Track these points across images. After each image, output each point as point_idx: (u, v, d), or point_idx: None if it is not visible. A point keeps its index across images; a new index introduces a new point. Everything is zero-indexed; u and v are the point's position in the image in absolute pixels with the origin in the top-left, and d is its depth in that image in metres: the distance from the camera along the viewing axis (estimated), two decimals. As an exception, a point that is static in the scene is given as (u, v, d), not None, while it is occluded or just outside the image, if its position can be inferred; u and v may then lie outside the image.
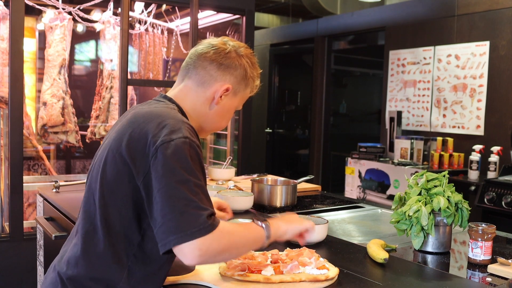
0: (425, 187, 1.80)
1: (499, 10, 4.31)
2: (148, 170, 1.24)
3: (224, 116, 1.51)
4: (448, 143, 4.44)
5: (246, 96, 1.54)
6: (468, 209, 1.78)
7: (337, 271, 1.46)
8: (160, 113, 1.34)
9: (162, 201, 1.20)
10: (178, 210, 1.19)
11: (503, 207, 3.54)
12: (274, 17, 8.20)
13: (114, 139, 1.33)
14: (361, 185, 4.78)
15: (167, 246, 1.19)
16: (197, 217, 1.19)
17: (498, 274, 1.55)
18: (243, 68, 1.47)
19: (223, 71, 1.45)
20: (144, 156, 1.25)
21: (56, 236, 2.23)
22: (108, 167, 1.30)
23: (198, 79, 1.46)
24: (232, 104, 1.50)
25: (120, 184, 1.28)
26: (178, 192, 1.20)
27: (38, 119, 4.01)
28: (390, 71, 5.31)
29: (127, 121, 1.35)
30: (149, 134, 1.26)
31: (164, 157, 1.22)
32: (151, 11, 4.34)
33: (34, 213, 4.00)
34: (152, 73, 4.48)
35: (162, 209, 1.20)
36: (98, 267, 1.31)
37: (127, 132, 1.30)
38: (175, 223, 1.18)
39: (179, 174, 1.21)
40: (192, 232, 1.18)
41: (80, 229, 1.36)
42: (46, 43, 4.01)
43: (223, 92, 1.45)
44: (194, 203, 1.20)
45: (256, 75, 1.53)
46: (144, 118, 1.32)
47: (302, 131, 7.33)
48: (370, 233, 2.11)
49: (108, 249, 1.29)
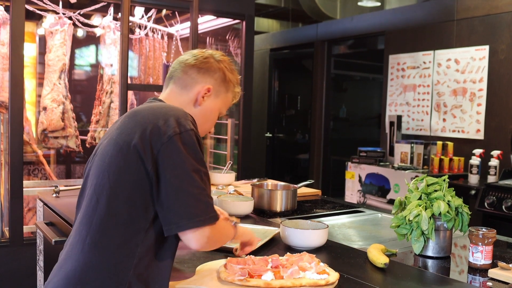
0: (425, 192, 1.80)
1: (499, 15, 4.32)
2: (157, 156, 1.31)
3: (208, 118, 1.58)
4: (448, 147, 4.44)
5: (228, 101, 1.63)
6: (469, 214, 1.77)
7: (337, 276, 1.45)
8: (163, 107, 1.44)
9: (178, 187, 1.29)
10: (193, 197, 1.30)
11: (504, 211, 3.53)
12: (274, 22, 8.21)
13: (120, 134, 1.39)
14: (361, 190, 4.77)
15: (178, 229, 1.29)
16: (208, 206, 1.33)
17: (499, 278, 1.54)
18: (222, 71, 1.57)
19: (203, 74, 1.55)
20: (155, 143, 1.32)
21: (56, 241, 2.22)
22: (116, 161, 1.35)
23: (181, 83, 1.56)
24: (214, 105, 1.58)
25: (128, 173, 1.33)
26: (193, 180, 1.30)
27: (38, 124, 4.01)
28: (390, 76, 5.31)
29: (130, 117, 1.42)
30: (156, 126, 1.34)
31: (178, 146, 1.31)
32: (151, 16, 4.35)
33: (34, 218, 4.00)
34: (152, 78, 4.48)
35: (178, 194, 1.29)
36: (107, 259, 1.31)
37: (135, 125, 1.37)
38: (188, 209, 1.29)
39: (192, 164, 1.31)
40: (205, 219, 1.31)
41: (80, 234, 1.36)
42: (47, 48, 4.02)
43: (204, 93, 1.54)
44: (205, 191, 1.33)
45: (235, 81, 1.62)
46: (148, 113, 1.40)
47: (302, 135, 7.33)
48: (370, 238, 2.10)
49: (116, 240, 1.31)
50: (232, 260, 1.49)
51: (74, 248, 1.37)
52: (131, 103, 4.33)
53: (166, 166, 1.30)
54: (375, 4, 5.92)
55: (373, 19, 5.66)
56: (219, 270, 1.47)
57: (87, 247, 1.33)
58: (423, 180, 1.83)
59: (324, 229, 1.80)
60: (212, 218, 1.32)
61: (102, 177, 1.37)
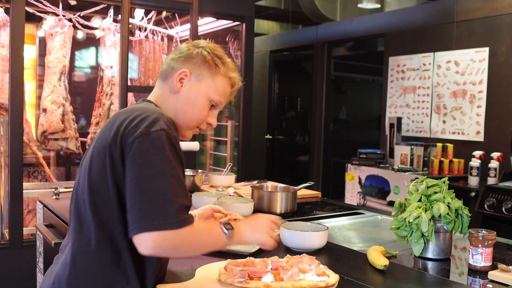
0: (425, 194, 1.80)
1: (498, 17, 4.32)
2: (125, 157, 1.29)
3: (193, 104, 1.51)
4: (448, 149, 4.44)
5: (220, 85, 1.54)
6: (468, 215, 1.77)
7: (337, 278, 1.45)
8: (140, 107, 1.41)
9: (135, 190, 1.25)
10: (148, 201, 1.24)
11: (504, 213, 3.53)
12: (274, 24, 8.21)
13: (98, 138, 1.39)
14: (361, 191, 4.77)
15: (132, 232, 1.24)
16: (165, 211, 1.24)
17: (499, 280, 1.54)
18: (201, 55, 1.52)
19: (181, 62, 1.52)
20: (125, 146, 1.30)
21: (55, 243, 2.22)
22: (94, 162, 1.35)
23: (162, 76, 1.55)
24: (199, 89, 1.51)
25: (106, 175, 1.32)
26: (152, 183, 1.25)
27: (38, 125, 4.01)
28: (390, 77, 5.32)
29: (109, 120, 1.42)
30: (129, 124, 1.32)
31: (142, 148, 1.27)
32: (151, 18, 4.36)
33: (34, 220, 3.99)
34: (152, 80, 4.48)
35: (132, 197, 1.25)
36: (94, 263, 1.32)
37: (112, 126, 1.36)
38: (143, 213, 1.23)
39: (156, 166, 1.26)
40: (155, 224, 1.23)
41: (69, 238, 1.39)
42: (47, 50, 4.02)
43: (180, 77, 1.50)
44: (165, 196, 1.25)
45: (226, 66, 1.55)
46: (126, 113, 1.39)
47: (302, 137, 7.33)
48: (370, 240, 2.10)
49: (101, 243, 1.32)
50: (232, 262, 1.49)
51: (64, 252, 1.40)
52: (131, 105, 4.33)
53: (129, 167, 1.27)
54: (375, 6, 5.92)
55: (373, 21, 5.66)
56: (219, 272, 1.47)
57: (76, 250, 1.34)
58: (423, 182, 1.83)
59: (324, 231, 1.80)
60: (168, 224, 1.23)
61: (83, 181, 1.37)
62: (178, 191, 1.27)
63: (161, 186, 1.25)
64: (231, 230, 1.42)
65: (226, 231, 1.41)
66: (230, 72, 1.56)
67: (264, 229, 1.53)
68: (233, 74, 1.57)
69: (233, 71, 1.57)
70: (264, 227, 1.53)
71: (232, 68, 1.57)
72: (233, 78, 1.57)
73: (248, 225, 1.52)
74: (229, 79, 1.56)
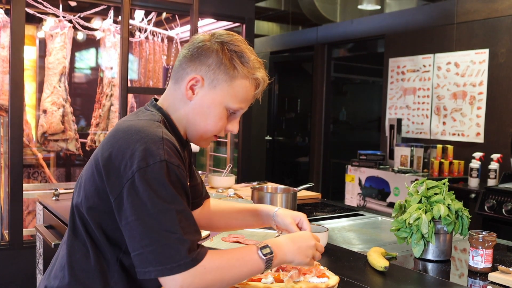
0: (425, 195, 1.80)
1: (498, 18, 4.33)
2: (121, 191, 1.17)
3: (207, 115, 1.32)
4: (448, 151, 4.44)
5: (241, 90, 1.33)
6: (469, 217, 1.77)
7: (337, 279, 1.45)
8: (140, 129, 1.22)
9: (142, 231, 1.14)
10: (158, 243, 1.13)
11: (504, 215, 3.53)
12: (274, 25, 8.22)
13: (96, 154, 1.27)
14: (361, 193, 4.77)
15: (146, 275, 1.14)
16: (178, 251, 1.13)
17: (499, 282, 1.54)
18: (217, 54, 1.30)
19: (194, 62, 1.31)
20: (118, 177, 1.18)
21: (55, 244, 2.22)
22: (89, 179, 1.26)
23: (175, 77, 1.36)
24: (213, 98, 1.32)
25: (98, 198, 1.23)
26: (158, 223, 1.13)
27: (38, 126, 4.01)
28: (390, 79, 5.32)
29: (109, 135, 1.27)
30: (126, 154, 1.18)
31: (142, 184, 1.14)
32: (151, 19, 4.36)
33: (34, 221, 3.99)
34: (152, 81, 4.48)
35: (141, 239, 1.14)
36: (83, 281, 1.27)
37: (107, 148, 1.23)
38: (155, 255, 1.12)
39: (160, 203, 1.14)
40: (172, 267, 1.12)
41: (66, 241, 1.34)
42: (47, 51, 4.02)
43: (190, 83, 1.31)
44: (175, 234, 1.13)
45: (248, 65, 1.32)
46: (124, 134, 1.23)
47: (302, 138, 7.33)
48: (370, 241, 2.10)
49: (93, 261, 1.26)
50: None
51: (56, 263, 1.35)
52: (131, 106, 4.33)
53: (132, 207, 1.15)
54: (375, 8, 5.92)
55: (373, 23, 5.66)
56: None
57: (66, 266, 1.29)
58: (423, 184, 1.83)
59: (324, 232, 1.80)
60: (184, 265, 1.13)
61: (78, 195, 1.30)
62: (187, 228, 1.16)
63: (168, 225, 1.14)
64: (270, 255, 1.25)
65: (264, 257, 1.25)
66: (253, 72, 1.33)
67: (308, 251, 1.35)
68: (258, 73, 1.33)
69: (257, 69, 1.33)
70: (308, 249, 1.35)
71: (255, 66, 1.33)
72: (258, 78, 1.34)
73: (290, 246, 1.32)
74: (252, 80, 1.33)
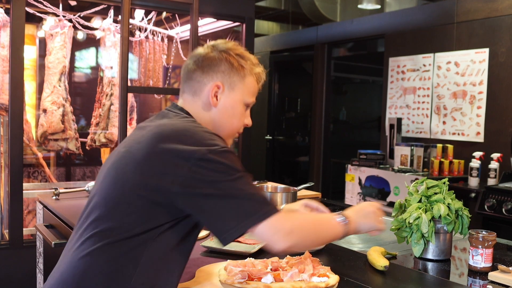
0: (425, 194, 1.80)
1: (499, 17, 4.33)
2: (187, 180, 1.25)
3: (232, 114, 1.48)
4: (448, 150, 4.44)
5: (251, 86, 1.50)
6: (469, 216, 1.77)
7: (337, 278, 1.45)
8: (189, 127, 1.36)
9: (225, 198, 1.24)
10: (245, 197, 1.25)
11: (504, 214, 3.53)
12: (274, 25, 8.21)
13: (138, 149, 1.32)
14: (361, 192, 4.77)
15: (240, 230, 1.23)
16: (264, 200, 1.27)
17: (499, 281, 1.54)
18: (226, 60, 1.46)
19: (207, 73, 1.46)
20: (178, 167, 1.25)
21: (56, 244, 2.22)
22: (130, 171, 1.30)
23: (190, 90, 1.48)
24: (234, 99, 1.47)
25: (142, 187, 1.28)
26: (237, 187, 1.26)
27: (38, 126, 4.01)
28: (390, 78, 5.32)
29: (152, 133, 1.35)
30: (184, 147, 1.28)
31: (209, 166, 1.25)
32: (151, 19, 4.35)
33: (34, 221, 3.99)
34: (152, 80, 4.48)
35: (227, 203, 1.24)
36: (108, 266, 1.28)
37: (155, 143, 1.30)
38: (245, 208, 1.24)
39: (231, 174, 1.26)
40: (265, 212, 1.24)
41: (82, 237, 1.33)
42: (47, 51, 4.02)
43: (214, 91, 1.45)
44: (256, 191, 1.28)
45: (250, 63, 1.49)
46: (173, 131, 1.33)
47: (302, 138, 7.33)
48: (370, 240, 2.10)
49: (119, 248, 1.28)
50: (232, 263, 1.49)
51: (73, 251, 1.34)
52: (131, 106, 4.33)
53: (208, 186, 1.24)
54: (375, 7, 5.92)
55: (373, 22, 5.66)
56: (219, 273, 1.47)
57: (88, 251, 1.29)
58: (423, 183, 1.83)
59: (324, 232, 1.80)
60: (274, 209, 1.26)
61: (114, 186, 1.33)
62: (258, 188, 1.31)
63: (246, 186, 1.27)
64: (345, 220, 1.43)
65: (343, 221, 1.42)
66: (254, 68, 1.51)
67: (374, 215, 1.54)
68: (257, 69, 1.52)
69: (257, 65, 1.52)
70: (373, 214, 1.54)
71: (255, 62, 1.52)
72: (258, 73, 1.52)
73: (358, 213, 1.51)
74: (255, 75, 1.51)
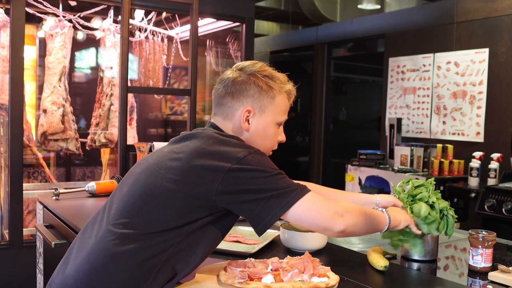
0: (412, 194, 1.77)
1: (498, 17, 4.33)
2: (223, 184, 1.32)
3: (265, 136, 1.53)
4: (448, 150, 4.44)
5: (282, 105, 1.54)
6: (454, 216, 1.71)
7: (337, 278, 1.45)
8: (222, 138, 1.43)
9: (263, 189, 1.32)
10: (281, 186, 1.34)
11: (504, 214, 3.53)
12: (274, 25, 8.22)
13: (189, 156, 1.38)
14: (361, 192, 4.78)
15: (283, 209, 1.33)
16: (299, 185, 1.38)
17: (499, 281, 1.54)
18: (254, 84, 1.50)
19: (237, 98, 1.50)
20: (218, 172, 1.33)
21: (56, 244, 2.22)
22: (175, 171, 1.37)
23: (222, 114, 1.53)
24: (265, 121, 1.52)
25: (184, 185, 1.34)
26: (273, 180, 1.34)
27: (38, 126, 4.01)
28: (390, 78, 5.32)
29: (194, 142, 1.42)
30: (222, 152, 1.36)
31: (247, 167, 1.33)
32: (151, 19, 4.36)
33: (34, 221, 3.99)
34: (152, 81, 4.48)
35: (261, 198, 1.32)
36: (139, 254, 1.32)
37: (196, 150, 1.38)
38: (283, 192, 1.33)
39: (267, 172, 1.35)
40: (301, 190, 1.36)
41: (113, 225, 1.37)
42: (47, 51, 4.02)
43: (245, 116, 1.50)
44: (291, 181, 1.38)
45: (279, 82, 1.53)
46: (213, 141, 1.41)
47: (302, 138, 7.33)
48: (370, 241, 2.10)
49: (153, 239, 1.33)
50: (232, 263, 1.49)
51: (101, 238, 1.37)
52: (131, 106, 4.33)
53: (242, 185, 1.32)
54: (375, 7, 5.93)
55: (373, 22, 5.66)
56: (219, 273, 1.47)
57: (119, 240, 1.33)
58: (409, 182, 1.80)
59: (324, 232, 1.80)
60: (306, 189, 1.37)
61: (155, 181, 1.38)
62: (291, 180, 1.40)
63: (282, 178, 1.37)
64: (389, 215, 1.57)
65: (388, 216, 1.56)
66: (284, 87, 1.54)
67: (403, 212, 1.65)
68: (287, 86, 1.56)
69: (286, 83, 1.56)
70: (402, 212, 1.66)
71: (283, 80, 1.56)
72: (289, 90, 1.56)
73: (393, 211, 1.62)
74: (286, 93, 1.55)
